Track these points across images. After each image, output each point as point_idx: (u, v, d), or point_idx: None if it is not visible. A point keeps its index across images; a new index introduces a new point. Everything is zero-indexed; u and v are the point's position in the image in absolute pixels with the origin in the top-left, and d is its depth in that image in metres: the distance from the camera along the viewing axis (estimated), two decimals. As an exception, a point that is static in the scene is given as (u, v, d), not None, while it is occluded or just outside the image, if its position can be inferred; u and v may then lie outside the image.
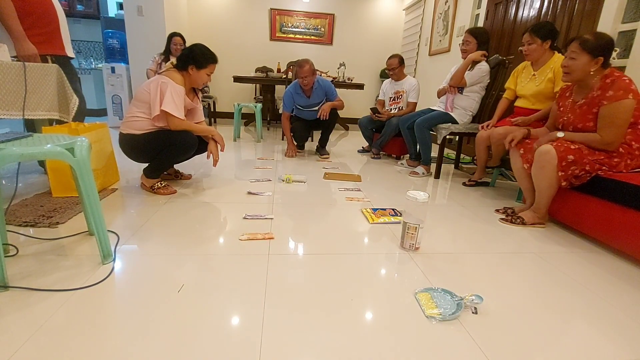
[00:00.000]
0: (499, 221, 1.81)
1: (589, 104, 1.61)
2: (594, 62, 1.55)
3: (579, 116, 1.66)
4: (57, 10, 2.12)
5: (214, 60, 1.96)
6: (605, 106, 1.54)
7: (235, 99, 5.57)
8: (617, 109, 1.52)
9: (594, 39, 1.54)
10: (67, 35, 2.24)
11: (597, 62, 1.55)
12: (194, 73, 1.92)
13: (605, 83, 1.56)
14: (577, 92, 1.70)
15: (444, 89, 2.74)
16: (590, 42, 1.54)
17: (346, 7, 5.55)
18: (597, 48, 1.53)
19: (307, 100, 3.15)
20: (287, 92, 3.17)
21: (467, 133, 2.67)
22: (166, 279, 1.11)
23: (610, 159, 1.57)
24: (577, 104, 1.68)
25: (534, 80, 2.12)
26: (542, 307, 1.08)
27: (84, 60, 5.57)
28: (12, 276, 1.08)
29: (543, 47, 2.02)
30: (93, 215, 1.15)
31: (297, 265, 1.25)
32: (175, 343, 0.84)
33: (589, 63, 1.56)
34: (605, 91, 1.54)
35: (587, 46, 1.54)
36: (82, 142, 1.12)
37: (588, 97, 1.62)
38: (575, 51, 1.58)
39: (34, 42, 1.92)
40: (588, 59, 1.55)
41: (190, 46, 1.95)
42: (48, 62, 1.98)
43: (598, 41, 1.54)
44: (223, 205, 1.81)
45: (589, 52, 1.54)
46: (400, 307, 1.04)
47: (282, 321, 0.94)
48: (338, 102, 3.16)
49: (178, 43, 3.56)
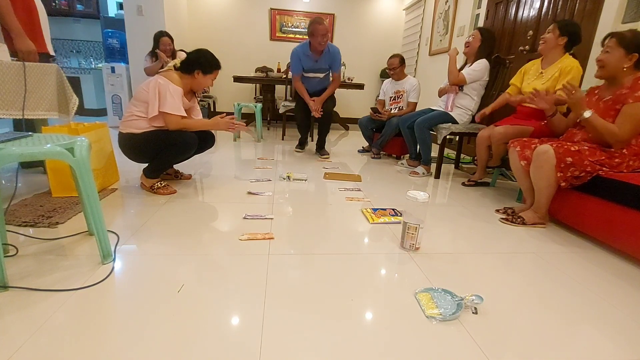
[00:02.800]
0: (499, 221, 1.81)
1: (615, 100, 1.60)
2: (628, 58, 1.54)
3: (601, 111, 1.64)
4: (38, 8, 2.15)
5: (219, 67, 2.03)
6: (630, 104, 1.53)
7: (235, 99, 5.57)
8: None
9: (632, 35, 1.54)
10: (48, 33, 2.26)
11: (631, 58, 1.54)
12: (199, 77, 1.96)
13: (637, 83, 1.54)
14: (605, 90, 1.69)
15: (445, 88, 2.74)
16: (628, 37, 1.54)
17: (346, 7, 5.55)
18: (633, 44, 1.53)
19: (314, 64, 3.01)
20: (294, 53, 2.98)
21: (467, 133, 2.67)
22: (166, 279, 1.11)
23: (611, 159, 1.57)
24: (602, 100, 1.67)
25: (541, 78, 2.11)
26: (542, 307, 1.08)
27: (83, 60, 5.56)
28: (12, 276, 1.07)
29: (557, 41, 2.01)
30: (93, 215, 1.15)
31: (297, 265, 1.25)
32: (175, 343, 0.84)
33: (622, 58, 1.55)
34: (634, 90, 1.53)
35: (623, 41, 1.54)
36: (82, 142, 1.12)
37: (615, 94, 1.61)
38: (612, 46, 1.57)
39: None
40: (623, 54, 1.55)
41: (197, 51, 1.97)
42: None
43: (635, 38, 1.53)
44: (223, 205, 1.81)
45: (625, 48, 1.54)
46: (401, 307, 1.03)
47: (282, 321, 0.94)
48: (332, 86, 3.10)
49: (167, 43, 3.55)
